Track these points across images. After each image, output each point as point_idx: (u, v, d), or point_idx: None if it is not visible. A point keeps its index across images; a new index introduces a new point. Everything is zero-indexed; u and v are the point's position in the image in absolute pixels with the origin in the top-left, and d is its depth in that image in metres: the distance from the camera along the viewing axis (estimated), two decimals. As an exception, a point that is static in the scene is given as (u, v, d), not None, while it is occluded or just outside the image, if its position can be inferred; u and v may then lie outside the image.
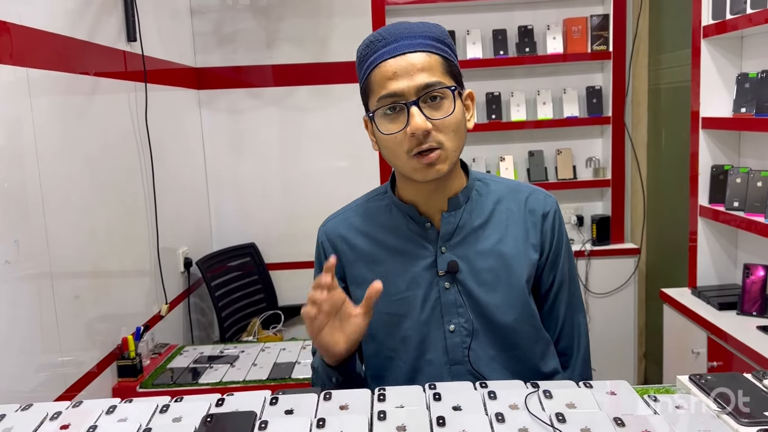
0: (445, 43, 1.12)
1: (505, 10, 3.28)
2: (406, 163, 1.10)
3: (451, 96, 1.09)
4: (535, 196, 1.23)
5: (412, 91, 1.07)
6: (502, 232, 1.19)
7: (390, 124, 1.09)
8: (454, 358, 1.17)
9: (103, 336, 2.17)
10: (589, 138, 3.38)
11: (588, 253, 3.25)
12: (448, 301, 1.17)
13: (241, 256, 3.25)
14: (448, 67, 1.10)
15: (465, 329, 1.16)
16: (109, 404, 1.01)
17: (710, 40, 2.36)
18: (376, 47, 1.11)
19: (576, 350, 1.28)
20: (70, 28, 2.02)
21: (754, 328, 2.09)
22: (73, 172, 2.00)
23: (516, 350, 1.18)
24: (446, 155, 1.09)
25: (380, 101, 1.09)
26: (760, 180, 2.14)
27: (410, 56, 1.08)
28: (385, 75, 1.08)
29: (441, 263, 1.17)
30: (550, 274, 1.22)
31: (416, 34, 1.10)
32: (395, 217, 1.21)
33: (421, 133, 1.06)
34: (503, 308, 1.16)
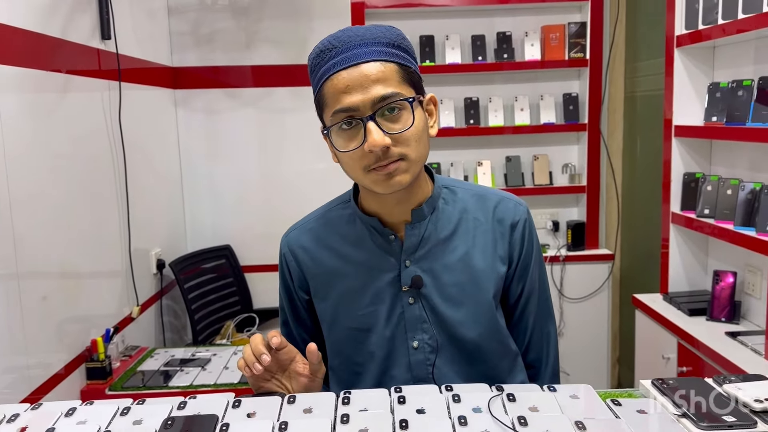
0: (401, 48, 1.05)
1: (484, 16, 3.30)
2: (365, 178, 1.05)
3: (409, 107, 1.02)
4: (504, 205, 1.17)
5: (368, 105, 1.00)
6: (469, 244, 1.14)
7: (346, 141, 1.03)
8: (418, 374, 1.14)
9: (71, 337, 2.13)
10: (566, 144, 3.41)
11: (563, 259, 3.28)
12: (412, 316, 1.13)
13: (215, 258, 3.22)
14: (405, 74, 1.03)
15: (429, 345, 1.13)
16: (68, 407, 0.99)
17: (683, 50, 2.39)
18: (327, 56, 1.03)
19: (545, 362, 1.24)
20: (42, 25, 1.99)
21: (723, 333, 2.12)
22: (42, 170, 1.97)
23: (481, 366, 1.15)
24: (407, 166, 1.03)
25: (334, 116, 1.02)
26: (730, 188, 2.18)
27: (364, 67, 1.00)
28: (338, 88, 1.01)
29: (405, 278, 1.12)
30: (518, 284, 1.19)
31: (369, 40, 1.02)
32: (358, 228, 1.16)
33: (380, 149, 1.00)
34: (468, 324, 1.13)
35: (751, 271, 2.21)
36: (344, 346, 1.18)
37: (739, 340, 2.05)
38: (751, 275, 2.21)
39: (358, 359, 1.17)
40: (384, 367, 1.15)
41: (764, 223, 1.95)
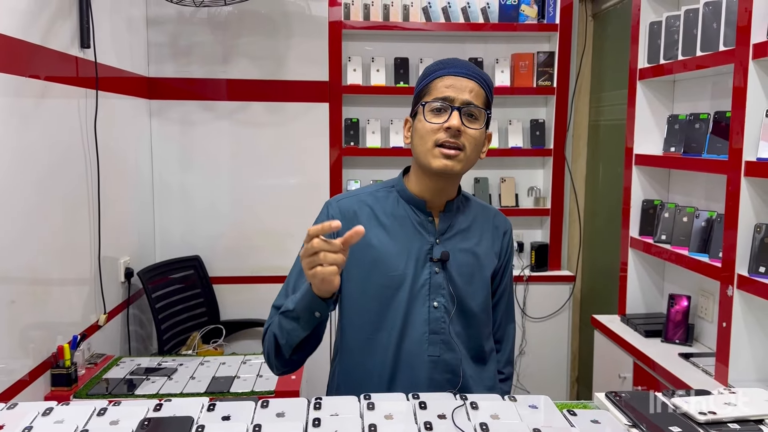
0: (490, 89, 1.41)
1: (457, 42, 3.40)
2: (430, 151, 1.34)
3: (483, 119, 1.37)
4: (499, 217, 1.55)
5: (459, 101, 1.34)
6: (478, 238, 1.46)
7: (434, 117, 1.35)
8: (434, 328, 1.39)
9: (37, 343, 2.12)
10: (532, 168, 3.51)
11: (527, 279, 3.36)
12: (436, 282, 1.39)
13: (184, 268, 3.22)
14: (486, 101, 1.39)
15: (444, 307, 1.40)
16: (45, 407, 1.01)
17: (645, 83, 2.51)
18: (446, 65, 1.39)
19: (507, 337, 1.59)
20: (22, 31, 2.01)
21: (677, 355, 2.21)
22: (14, 175, 1.97)
23: (473, 329, 1.44)
24: (463, 158, 1.34)
25: (432, 101, 1.35)
26: (686, 215, 2.28)
27: (467, 80, 1.36)
28: (445, 83, 1.36)
29: (436, 252, 1.40)
30: (499, 278, 1.52)
31: (475, 71, 1.38)
32: (402, 208, 1.43)
33: (455, 129, 1.32)
34: (473, 296, 1.43)
35: (704, 296, 2.32)
36: (372, 301, 1.40)
37: (691, 362, 2.14)
38: (704, 299, 2.32)
39: (384, 312, 1.39)
40: (406, 320, 1.39)
41: (717, 249, 2.05)
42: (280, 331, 1.30)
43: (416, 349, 1.37)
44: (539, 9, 3.33)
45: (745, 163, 1.84)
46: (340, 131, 3.31)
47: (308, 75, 3.27)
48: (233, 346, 3.28)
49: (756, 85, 1.83)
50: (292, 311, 1.28)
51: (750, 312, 1.88)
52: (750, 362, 1.90)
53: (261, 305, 3.27)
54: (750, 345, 1.90)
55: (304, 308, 1.25)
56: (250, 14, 3.22)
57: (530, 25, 3.32)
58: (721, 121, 2.10)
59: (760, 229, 1.82)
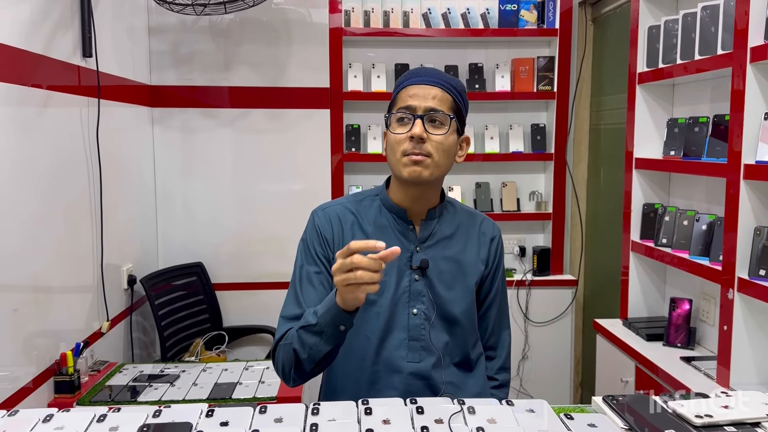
0: (459, 93, 1.42)
1: (457, 48, 3.41)
2: (399, 160, 1.36)
3: (448, 124, 1.36)
4: (487, 223, 1.55)
5: (421, 109, 1.35)
6: (462, 245, 1.47)
7: (399, 128, 1.38)
8: (413, 335, 1.41)
9: (40, 351, 2.13)
10: (533, 173, 3.52)
11: (529, 283, 3.36)
12: (416, 290, 1.41)
13: (187, 275, 3.24)
14: (455, 107, 1.39)
15: (424, 314, 1.41)
16: (45, 413, 1.02)
17: (645, 87, 2.51)
18: (412, 75, 1.42)
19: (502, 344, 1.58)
20: (25, 41, 2.03)
21: (678, 358, 2.21)
22: (18, 184, 1.98)
23: (457, 337, 1.45)
24: (430, 163, 1.35)
25: (398, 110, 1.38)
26: (687, 219, 2.28)
27: (430, 87, 1.38)
28: (408, 93, 1.38)
29: (416, 259, 1.42)
30: (489, 285, 1.52)
31: (443, 78, 1.40)
32: (384, 217, 1.46)
33: (417, 137, 1.33)
34: (455, 302, 1.43)
35: (705, 299, 2.31)
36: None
37: (693, 365, 2.14)
38: (705, 303, 2.32)
39: (365, 319, 1.40)
40: (387, 327, 1.40)
41: (718, 253, 2.05)
42: (301, 346, 1.27)
43: (396, 355, 1.39)
44: (539, 14, 3.35)
45: (744, 166, 1.84)
46: (341, 137, 3.32)
47: (309, 82, 3.29)
48: (236, 352, 3.29)
49: (754, 88, 1.83)
50: (315, 325, 1.26)
51: (751, 315, 1.88)
52: (751, 365, 1.90)
53: (263, 311, 3.29)
54: (751, 348, 1.89)
55: (328, 322, 1.24)
56: (251, 22, 3.24)
57: (530, 30, 3.34)
58: (720, 125, 2.10)
59: (760, 232, 1.82)
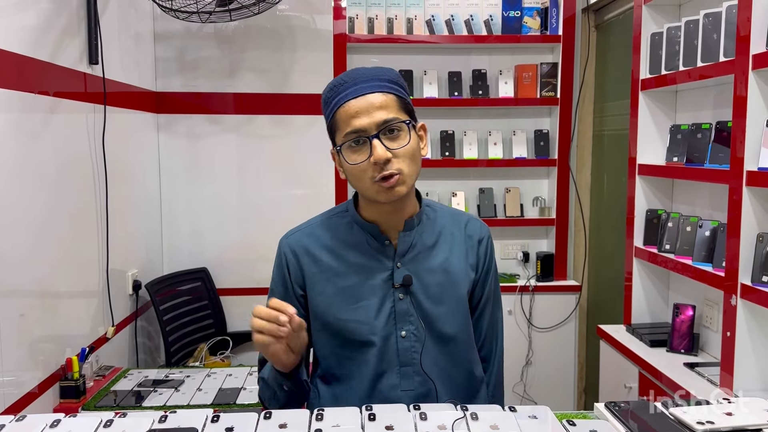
0: (398, 84, 1.28)
1: (460, 54, 3.42)
2: (370, 188, 1.24)
3: (406, 129, 1.24)
4: (473, 224, 1.41)
5: (373, 126, 1.21)
6: (447, 252, 1.35)
7: (355, 155, 1.23)
8: (404, 360, 1.30)
9: (46, 356, 2.15)
10: (536, 178, 3.52)
11: (532, 289, 3.37)
12: (402, 310, 1.30)
13: (192, 280, 3.25)
14: (402, 104, 1.26)
15: (414, 335, 1.30)
16: (52, 419, 1.03)
17: (647, 93, 2.52)
18: (339, 90, 1.25)
19: (494, 357, 1.45)
20: (31, 49, 2.05)
21: (682, 364, 2.20)
22: (25, 190, 2.00)
23: (454, 356, 1.33)
24: (404, 179, 1.23)
25: (346, 136, 1.23)
26: (690, 225, 2.28)
27: (369, 96, 1.22)
28: (349, 113, 1.22)
29: (397, 276, 1.30)
30: (480, 290, 1.40)
31: (373, 77, 1.25)
32: (356, 234, 1.34)
33: (383, 161, 1.20)
34: (447, 319, 1.32)
35: (708, 305, 2.32)
36: (335, 336, 1.32)
37: (696, 371, 2.14)
38: (708, 309, 2.32)
39: (352, 349, 1.31)
40: (377, 354, 1.29)
41: (721, 259, 2.05)
42: (262, 394, 1.29)
43: (389, 384, 1.28)
44: (542, 20, 3.36)
45: (746, 172, 1.85)
46: (345, 143, 3.33)
47: (313, 88, 3.30)
48: (240, 357, 3.30)
49: (756, 94, 1.84)
50: (265, 380, 1.26)
51: (754, 321, 1.88)
52: (755, 371, 1.90)
53: (268, 317, 3.30)
54: (754, 354, 1.89)
55: (273, 380, 1.24)
56: (256, 29, 3.26)
57: (533, 37, 3.35)
58: (723, 131, 2.11)
59: (762, 238, 1.82)
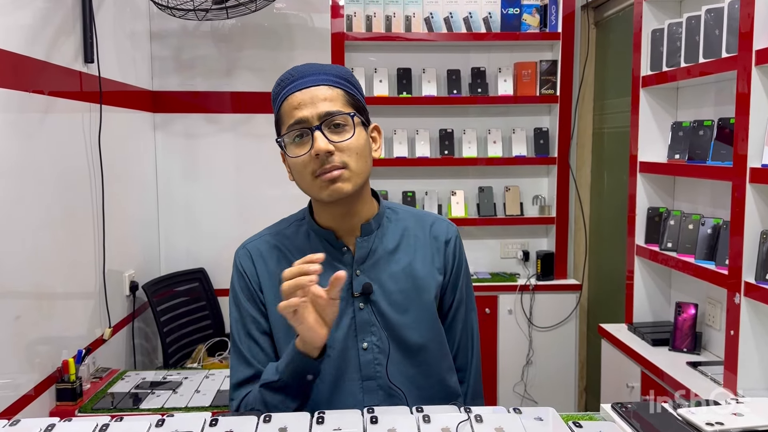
0: (348, 81, 1.23)
1: (459, 52, 3.40)
2: (312, 184, 1.18)
3: (351, 123, 1.18)
4: (438, 225, 1.33)
5: (315, 118, 1.16)
6: (411, 257, 1.28)
7: (297, 149, 1.18)
8: (367, 373, 1.23)
9: (42, 358, 2.12)
10: (536, 177, 3.51)
11: (532, 288, 3.35)
12: (362, 320, 1.23)
13: (189, 281, 3.22)
14: (350, 100, 1.21)
15: (377, 347, 1.23)
16: (47, 423, 1.01)
17: (648, 90, 2.50)
18: (286, 84, 1.21)
19: (469, 365, 1.37)
20: (27, 48, 2.02)
21: (684, 363, 2.19)
22: (19, 190, 1.98)
23: (424, 366, 1.26)
24: (349, 175, 1.17)
25: (288, 129, 1.18)
26: (692, 223, 2.27)
27: (314, 89, 1.18)
28: (292, 105, 1.18)
29: (356, 285, 1.23)
30: (450, 294, 1.33)
31: (321, 71, 1.21)
32: (313, 242, 1.28)
33: (324, 153, 1.15)
34: (413, 327, 1.25)
35: (711, 304, 2.30)
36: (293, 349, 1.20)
37: (699, 370, 2.12)
38: (711, 307, 2.30)
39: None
40: (337, 367, 1.22)
41: (723, 257, 2.04)
42: (265, 407, 1.15)
43: (351, 401, 1.19)
44: (541, 18, 3.34)
45: (749, 169, 1.83)
46: (343, 142, 3.31)
47: (311, 86, 3.27)
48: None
49: (759, 91, 1.82)
50: (276, 381, 1.15)
51: (758, 319, 1.86)
52: (758, 370, 1.88)
53: (266, 317, 3.28)
54: (758, 353, 1.88)
55: (292, 374, 1.13)
56: (253, 27, 3.24)
57: (533, 34, 3.33)
58: (725, 128, 2.09)
59: (766, 235, 1.81)
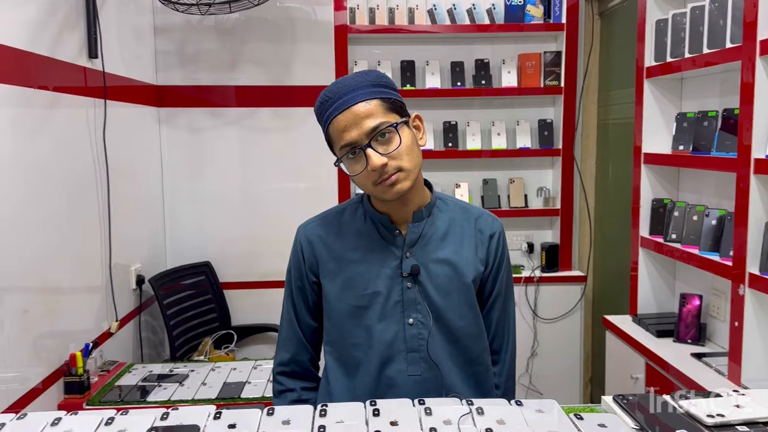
0: (381, 85, 1.30)
1: (463, 44, 3.39)
2: (375, 190, 1.29)
3: (395, 130, 1.27)
4: (484, 219, 1.43)
5: (363, 137, 1.25)
6: (457, 245, 1.37)
7: (354, 165, 1.28)
8: (411, 346, 1.34)
9: (50, 352, 2.14)
10: (541, 168, 3.50)
11: (537, 280, 3.35)
12: (409, 298, 1.34)
13: (195, 274, 3.24)
14: (388, 105, 1.28)
15: (422, 323, 1.34)
16: (54, 416, 1.02)
17: (653, 81, 2.49)
18: (327, 105, 1.30)
19: (505, 349, 1.47)
20: (30, 43, 2.03)
21: (689, 355, 2.19)
22: (26, 185, 1.99)
23: (460, 345, 1.37)
24: (406, 175, 1.27)
25: (341, 150, 1.28)
26: (696, 214, 2.26)
27: (354, 108, 1.26)
28: (339, 128, 1.27)
29: (405, 266, 1.34)
30: (491, 284, 1.42)
31: (355, 86, 1.28)
32: (368, 224, 1.39)
33: (380, 168, 1.24)
34: (454, 310, 1.35)
35: (715, 295, 2.30)
36: (346, 322, 1.36)
37: (704, 362, 2.12)
38: (715, 298, 2.30)
39: (357, 333, 1.36)
40: (382, 339, 1.34)
41: (728, 248, 2.03)
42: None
43: (396, 369, 1.33)
44: (545, 9, 3.32)
45: (754, 160, 1.82)
46: (347, 135, 3.31)
47: (315, 80, 3.28)
48: (245, 351, 3.29)
49: (764, 81, 1.81)
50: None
51: (762, 311, 1.86)
52: (763, 361, 1.88)
53: (272, 310, 3.28)
54: (762, 344, 1.88)
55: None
56: (256, 20, 3.23)
57: (536, 25, 3.31)
58: (730, 118, 2.08)
59: (770, 227, 1.80)
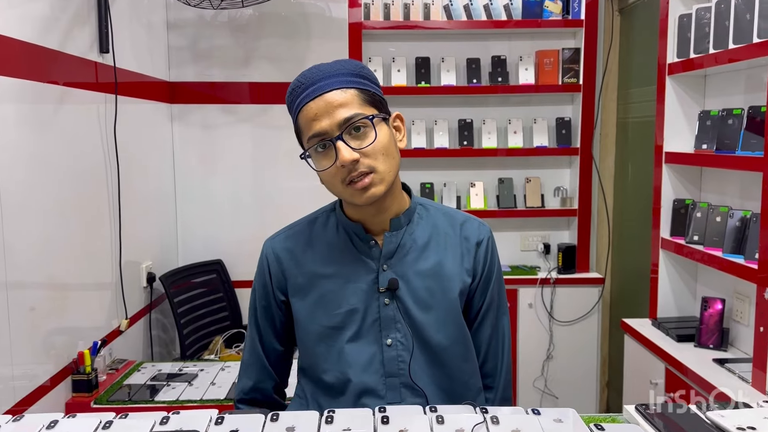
0: (360, 75, 1.18)
1: (479, 40, 3.34)
2: (344, 191, 1.16)
3: (371, 124, 1.14)
4: (470, 224, 1.29)
5: (335, 127, 1.12)
6: (440, 255, 1.24)
7: (322, 160, 1.16)
8: (390, 370, 1.21)
9: (58, 349, 2.12)
10: (558, 168, 3.43)
11: (553, 281, 3.28)
12: (387, 316, 1.21)
13: (206, 272, 3.22)
14: (366, 97, 1.16)
15: (401, 344, 1.21)
16: (50, 419, 0.99)
17: (675, 78, 2.42)
18: (298, 92, 1.17)
19: (498, 373, 1.32)
20: (41, 37, 2.01)
21: (710, 360, 2.12)
22: (35, 181, 1.97)
23: (446, 367, 1.23)
24: (380, 177, 1.15)
25: (309, 141, 1.16)
26: (719, 215, 2.19)
27: (327, 95, 1.13)
28: (309, 117, 1.14)
29: (382, 280, 1.21)
30: (480, 297, 1.28)
31: (331, 73, 1.16)
32: (341, 234, 1.26)
33: (350, 163, 1.12)
34: (437, 327, 1.22)
35: (739, 299, 2.22)
36: (318, 345, 1.24)
37: (726, 368, 2.06)
38: (739, 302, 2.23)
39: (330, 357, 1.23)
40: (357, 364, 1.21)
41: (753, 250, 1.97)
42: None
43: (373, 396, 1.18)
44: (564, 4, 3.26)
45: (782, 159, 1.76)
46: (361, 133, 3.27)
47: (329, 76, 3.23)
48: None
49: (793, 77, 1.75)
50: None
51: (789, 316, 1.79)
52: (790, 369, 1.81)
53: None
54: (789, 351, 1.81)
55: None
56: (270, 16, 3.20)
57: (555, 21, 3.25)
58: (756, 117, 2.01)
59: (799, 229, 1.73)
